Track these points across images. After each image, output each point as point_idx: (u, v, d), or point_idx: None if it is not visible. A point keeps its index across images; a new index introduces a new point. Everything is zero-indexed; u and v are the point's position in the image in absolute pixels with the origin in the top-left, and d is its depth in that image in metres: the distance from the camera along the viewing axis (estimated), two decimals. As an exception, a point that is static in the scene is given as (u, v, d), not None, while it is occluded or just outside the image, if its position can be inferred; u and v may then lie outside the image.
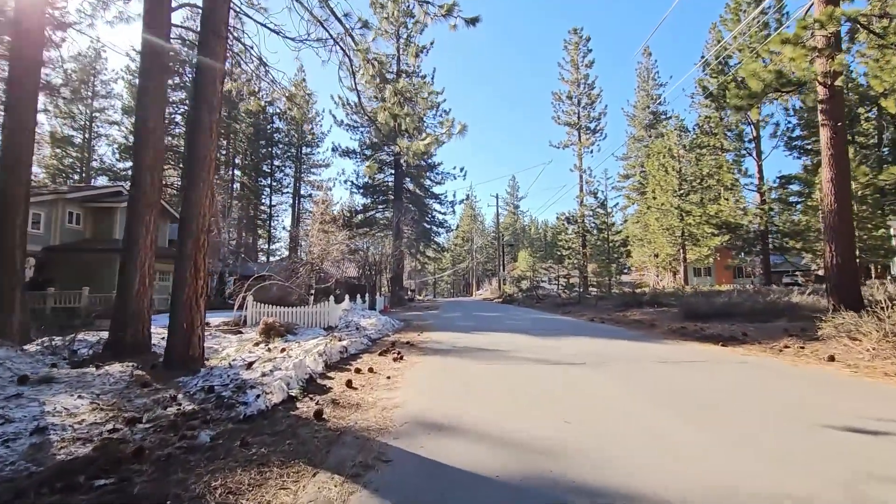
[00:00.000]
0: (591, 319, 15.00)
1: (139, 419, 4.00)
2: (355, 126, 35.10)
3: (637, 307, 16.44)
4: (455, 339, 9.88)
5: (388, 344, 9.36)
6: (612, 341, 9.02)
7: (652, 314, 14.47)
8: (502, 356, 7.29)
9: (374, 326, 11.47)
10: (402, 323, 14.21)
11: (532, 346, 8.37)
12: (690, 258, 41.94)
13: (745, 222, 25.48)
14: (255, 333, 9.33)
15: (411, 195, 37.77)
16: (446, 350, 8.24)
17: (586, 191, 30.59)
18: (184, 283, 6.06)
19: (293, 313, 11.17)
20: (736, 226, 25.96)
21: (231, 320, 11.19)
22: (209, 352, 7.29)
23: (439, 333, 11.31)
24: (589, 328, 12.10)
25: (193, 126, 6.24)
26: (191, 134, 6.22)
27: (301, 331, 10.55)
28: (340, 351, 7.61)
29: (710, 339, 8.81)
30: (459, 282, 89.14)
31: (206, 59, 6.11)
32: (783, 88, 10.08)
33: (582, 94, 33.03)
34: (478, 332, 11.32)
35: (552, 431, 3.46)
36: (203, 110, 6.14)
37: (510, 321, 14.94)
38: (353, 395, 5.06)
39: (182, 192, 6.01)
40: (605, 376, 5.51)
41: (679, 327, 10.83)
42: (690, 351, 7.55)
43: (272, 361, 5.90)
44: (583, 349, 7.89)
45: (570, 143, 32.77)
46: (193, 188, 6.21)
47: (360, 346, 8.65)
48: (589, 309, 19.24)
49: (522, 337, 10.10)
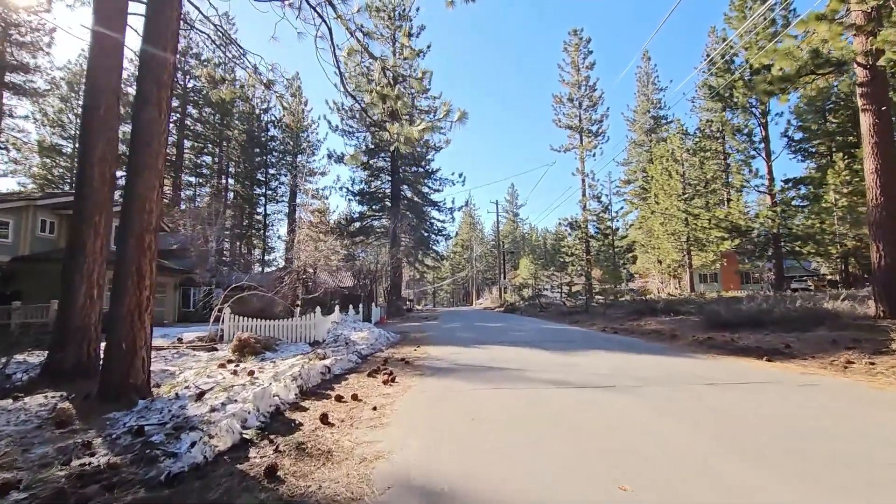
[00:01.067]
0: (603, 329, 13.85)
1: (16, 484, 2.86)
2: (351, 131, 34.20)
3: (651, 315, 15.30)
4: (456, 355, 8.73)
5: (379, 361, 8.22)
6: (635, 356, 7.88)
7: (669, 323, 13.33)
8: (512, 377, 6.15)
9: (365, 341, 10.32)
10: (397, 336, 13.05)
11: (545, 364, 7.23)
12: (696, 264, 40.95)
13: (757, 225, 24.47)
14: (229, 350, 8.18)
15: (409, 202, 36.77)
16: (446, 369, 7.10)
17: (589, 195, 29.62)
18: (123, 294, 4.93)
19: (275, 327, 10.02)
20: (747, 229, 24.94)
21: (207, 335, 10.03)
22: (164, 376, 6.14)
23: (438, 348, 10.16)
24: (603, 340, 10.95)
25: (138, 103, 5.16)
26: (136, 112, 5.14)
27: (283, 347, 9.41)
28: (322, 372, 6.46)
29: (749, 353, 7.68)
30: (459, 291, 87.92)
31: (151, 17, 5.06)
32: (818, 70, 9.07)
33: (583, 96, 32.19)
34: (480, 346, 10.16)
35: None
36: (148, 81, 5.08)
37: (515, 332, 13.78)
38: (327, 435, 3.92)
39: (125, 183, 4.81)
40: (646, 407, 4.38)
41: (705, 338, 9.70)
42: (734, 369, 6.42)
43: (231, 390, 4.76)
44: (605, 366, 6.75)
45: (572, 146, 31.85)
46: (137, 177, 5.12)
47: (347, 365, 7.50)
48: (597, 318, 18.09)
49: (532, 351, 8.95)
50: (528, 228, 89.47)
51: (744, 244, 27.26)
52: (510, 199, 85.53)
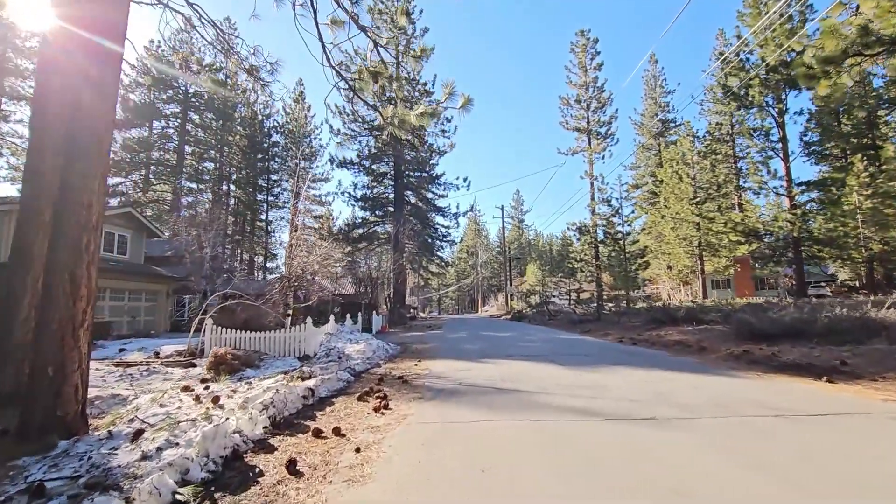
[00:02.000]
0: (620, 340, 12.80)
1: None
2: (353, 135, 33.44)
3: (671, 324, 14.22)
4: (461, 372, 7.73)
5: (374, 379, 7.24)
6: (667, 374, 6.84)
7: (692, 333, 12.25)
8: (528, 403, 5.15)
9: (361, 354, 9.34)
10: (398, 347, 12.07)
11: (565, 383, 6.22)
12: (708, 269, 39.75)
13: (776, 228, 23.31)
14: (204, 368, 7.24)
15: (413, 207, 35.90)
16: (449, 391, 6.10)
17: (598, 199, 28.55)
18: (52, 307, 4.02)
19: (261, 340, 9.07)
20: (765, 232, 23.80)
21: (186, 349, 9.11)
22: (114, 402, 5.19)
23: (441, 363, 9.16)
24: (624, 353, 9.91)
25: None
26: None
27: (268, 362, 8.45)
28: (304, 395, 5.50)
29: (800, 371, 6.64)
30: (464, 298, 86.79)
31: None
32: (866, 50, 8.07)
33: (591, 98, 31.26)
34: (489, 360, 9.16)
35: None
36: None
37: (526, 343, 12.75)
38: (291, 493, 2.95)
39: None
40: (710, 450, 3.37)
41: (741, 352, 8.64)
42: (794, 393, 5.38)
43: (178, 427, 3.80)
44: (636, 388, 5.73)
45: (580, 149, 30.89)
46: (74, 164, 4.22)
47: (336, 385, 6.52)
48: (611, 327, 17.01)
49: (546, 368, 7.93)
50: (534, 235, 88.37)
51: (761, 248, 26.08)
52: (515, 204, 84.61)
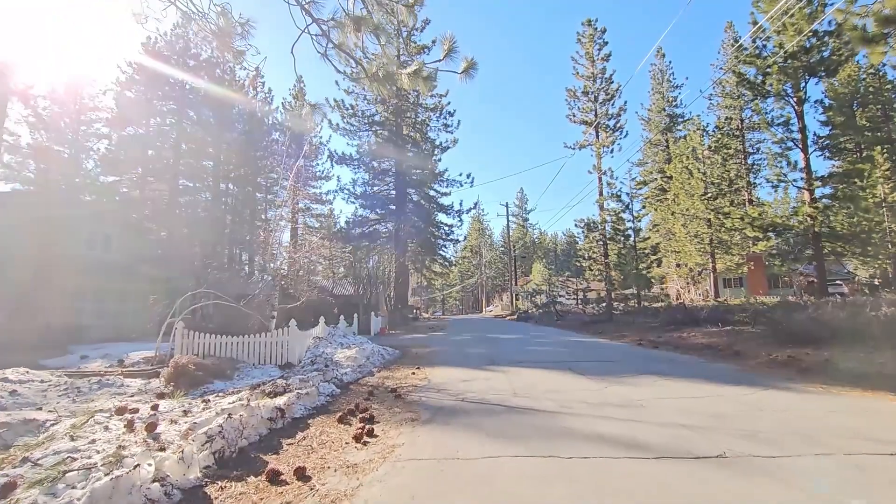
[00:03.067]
0: (639, 343, 11.67)
1: None
2: (353, 130, 32.45)
3: (692, 326, 13.07)
4: (465, 383, 6.66)
5: (364, 392, 6.19)
6: (711, 387, 5.74)
7: (719, 335, 11.13)
8: (552, 429, 4.06)
9: (352, 361, 8.28)
10: (396, 352, 10.99)
11: (592, 400, 5.13)
12: (720, 267, 38.61)
13: (796, 223, 22.08)
14: (162, 379, 6.20)
15: (415, 205, 34.81)
16: (450, 409, 5.03)
17: (607, 194, 27.37)
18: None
19: (238, 345, 8.02)
20: (784, 228, 22.59)
21: (154, 356, 8.08)
22: (25, 430, 4.13)
23: (443, 370, 8.09)
24: (649, 359, 8.80)
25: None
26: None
27: (244, 371, 7.41)
28: (271, 417, 4.44)
29: (871, 383, 5.51)
30: (468, 298, 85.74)
31: None
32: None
33: (599, 89, 30.07)
34: (497, 368, 8.08)
35: None
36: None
37: (536, 347, 11.66)
38: None
39: None
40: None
41: (786, 357, 7.51)
42: (885, 416, 4.28)
43: (64, 478, 2.74)
44: (682, 407, 4.63)
45: (587, 143, 29.70)
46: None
47: (315, 402, 5.47)
48: (625, 328, 15.88)
49: (566, 377, 6.84)
50: (538, 234, 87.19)
51: (779, 244, 24.85)
52: (519, 203, 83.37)
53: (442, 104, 33.96)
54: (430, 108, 33.93)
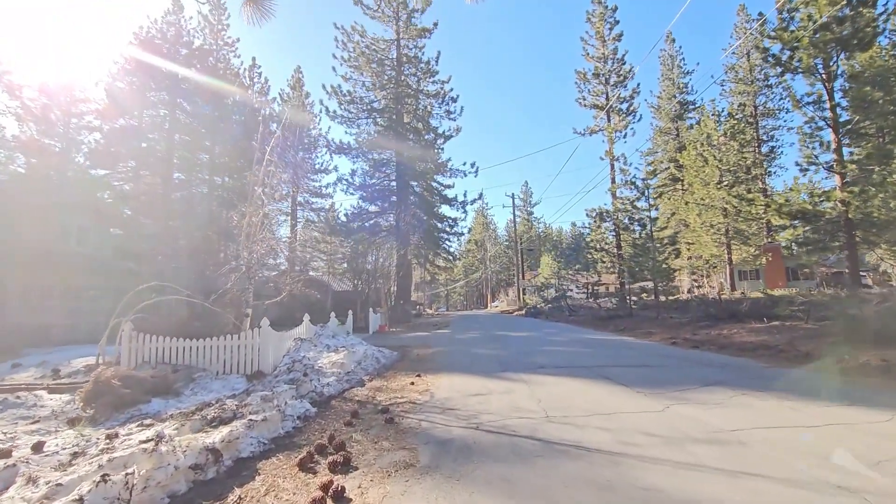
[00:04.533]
0: (672, 342, 10.14)
1: None
2: (351, 118, 30.88)
3: (732, 321, 11.54)
4: (477, 398, 5.19)
5: (346, 413, 4.73)
6: (816, 408, 4.23)
7: (769, 332, 9.60)
8: (626, 491, 2.57)
9: (339, 368, 6.82)
10: (393, 354, 9.53)
11: (660, 431, 3.63)
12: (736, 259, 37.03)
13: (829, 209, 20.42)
14: (78, 399, 4.75)
15: (417, 196, 33.27)
16: (461, 447, 3.55)
17: (621, 181, 25.77)
18: None
19: (198, 350, 6.57)
20: (815, 214, 20.94)
21: (97, 363, 6.65)
22: None
23: (448, 378, 6.62)
24: (697, 364, 7.28)
25: None
26: None
27: (203, 382, 5.97)
28: (195, 464, 2.99)
29: None
30: (472, 293, 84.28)
31: None
32: None
33: (610, 71, 28.38)
34: (515, 376, 6.59)
35: None
36: None
37: (555, 347, 10.16)
38: None
39: None
40: None
41: (880, 362, 5.98)
42: None
43: None
44: (805, 448, 3.14)
45: (598, 128, 28.07)
46: None
47: (275, 430, 4.01)
48: (649, 324, 14.34)
49: (608, 391, 5.35)
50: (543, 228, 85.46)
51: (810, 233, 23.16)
52: (524, 197, 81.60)
53: (444, 90, 32.32)
54: (431, 94, 32.28)
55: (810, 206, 21.83)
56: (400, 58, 31.55)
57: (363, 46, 30.35)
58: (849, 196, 20.23)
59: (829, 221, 21.61)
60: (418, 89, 32.14)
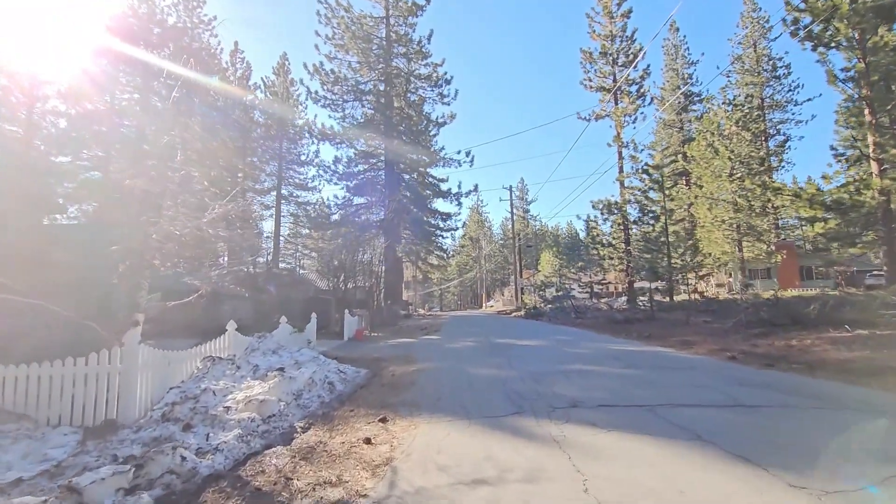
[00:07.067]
0: (731, 357, 7.63)
1: None
2: (335, 100, 28.20)
3: (793, 327, 9.07)
4: (476, 490, 2.63)
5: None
6: None
7: (870, 345, 7.14)
8: None
9: (254, 411, 4.24)
10: (359, 374, 6.95)
11: None
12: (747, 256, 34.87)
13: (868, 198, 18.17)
14: None
15: (409, 189, 30.68)
16: None
17: (630, 169, 23.36)
18: None
19: (13, 385, 3.96)
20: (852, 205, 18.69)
21: None
22: None
23: (427, 430, 4.06)
24: (810, 398, 4.79)
25: None
26: None
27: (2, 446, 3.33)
28: None
29: None
30: (467, 293, 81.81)
31: None
32: None
33: (618, 50, 25.95)
34: (539, 427, 4.05)
35: None
36: None
37: (583, 366, 7.60)
38: None
39: None
40: None
41: None
42: None
43: None
44: None
45: (605, 112, 25.64)
46: None
47: None
48: (681, 330, 11.85)
49: (725, 479, 2.82)
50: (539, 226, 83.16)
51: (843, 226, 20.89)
52: (520, 194, 79.12)
53: (437, 74, 29.72)
54: (423, 76, 29.71)
55: (847, 195, 19.51)
56: (389, 36, 28.94)
57: (349, 22, 27.71)
58: (890, 184, 17.88)
59: (866, 213, 19.33)
60: (409, 71, 29.56)
